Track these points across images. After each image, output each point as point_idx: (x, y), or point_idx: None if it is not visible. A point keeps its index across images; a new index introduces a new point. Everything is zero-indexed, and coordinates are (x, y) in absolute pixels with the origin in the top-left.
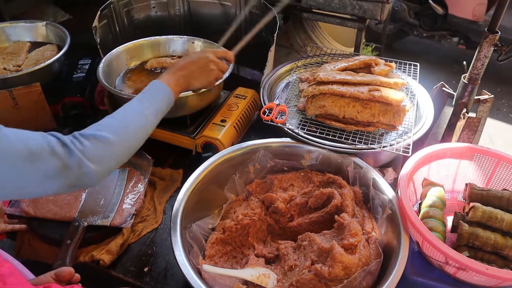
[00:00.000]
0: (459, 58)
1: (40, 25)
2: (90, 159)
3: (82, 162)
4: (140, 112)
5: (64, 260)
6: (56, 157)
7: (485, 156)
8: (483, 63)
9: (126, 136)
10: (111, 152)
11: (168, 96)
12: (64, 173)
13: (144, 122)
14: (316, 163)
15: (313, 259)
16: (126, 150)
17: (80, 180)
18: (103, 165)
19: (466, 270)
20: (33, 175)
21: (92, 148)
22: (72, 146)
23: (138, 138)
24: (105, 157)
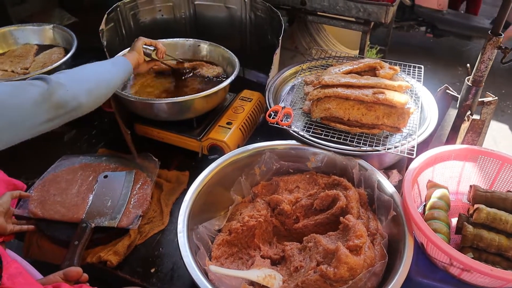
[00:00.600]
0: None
1: (48, 28)
2: (63, 79)
3: (58, 82)
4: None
5: (72, 261)
6: (35, 86)
7: (489, 158)
8: (486, 65)
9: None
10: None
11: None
12: (47, 96)
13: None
14: (321, 165)
15: (319, 260)
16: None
17: (63, 98)
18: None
19: (470, 272)
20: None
21: (62, 74)
22: (45, 76)
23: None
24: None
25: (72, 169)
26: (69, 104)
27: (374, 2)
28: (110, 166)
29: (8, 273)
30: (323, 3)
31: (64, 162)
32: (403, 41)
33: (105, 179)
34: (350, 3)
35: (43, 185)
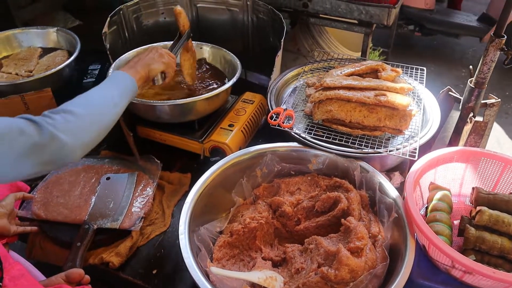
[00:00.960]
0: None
1: (51, 31)
2: (61, 131)
3: (54, 135)
4: (105, 93)
5: (74, 262)
6: (26, 135)
7: (492, 160)
8: (489, 67)
9: (93, 110)
10: (81, 123)
11: (129, 82)
12: (38, 150)
13: (111, 101)
14: (322, 167)
15: (320, 262)
16: (95, 124)
17: (56, 154)
18: (75, 137)
19: (472, 274)
20: (4, 156)
21: (63, 120)
22: (42, 122)
23: (106, 115)
24: (76, 128)
25: (75, 171)
26: (61, 161)
27: (376, 4)
28: (113, 168)
29: (11, 275)
30: (325, 5)
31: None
32: (407, 44)
33: (107, 181)
34: (352, 5)
35: (46, 187)
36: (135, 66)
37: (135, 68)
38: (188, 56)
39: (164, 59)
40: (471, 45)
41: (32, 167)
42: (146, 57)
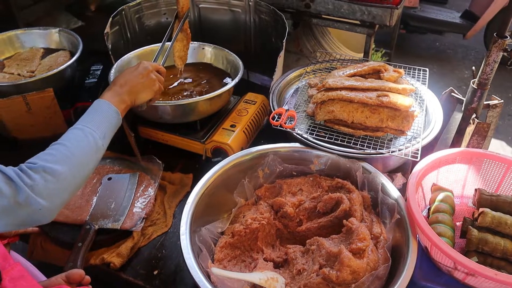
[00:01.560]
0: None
1: (54, 31)
2: (40, 195)
3: (31, 199)
4: (87, 136)
5: (75, 263)
6: (1, 195)
7: (494, 161)
8: (492, 68)
9: (76, 165)
10: (62, 185)
11: (114, 115)
12: (12, 212)
13: (94, 146)
14: (324, 168)
15: (321, 263)
16: (77, 181)
17: (31, 217)
18: (55, 200)
19: (475, 276)
20: None
21: (42, 183)
22: (19, 182)
23: (88, 164)
24: (57, 191)
25: None
26: (34, 223)
27: (378, 4)
28: (114, 168)
29: (10, 276)
30: (327, 6)
31: None
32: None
33: (109, 181)
34: (355, 6)
35: None
36: (122, 94)
37: (122, 97)
38: (182, 36)
39: (155, 86)
40: (473, 46)
41: (5, 226)
42: (135, 82)
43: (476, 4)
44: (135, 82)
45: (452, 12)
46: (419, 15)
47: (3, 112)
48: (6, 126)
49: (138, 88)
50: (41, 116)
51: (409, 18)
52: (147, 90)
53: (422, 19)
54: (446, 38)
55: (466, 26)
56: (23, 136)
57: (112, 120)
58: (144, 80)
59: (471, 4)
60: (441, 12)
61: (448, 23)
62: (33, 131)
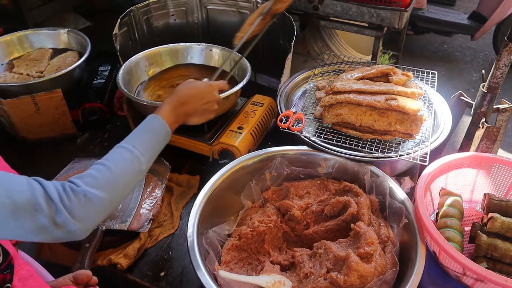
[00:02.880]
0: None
1: (62, 32)
2: (77, 218)
3: (68, 222)
4: (133, 162)
5: (83, 263)
6: (42, 214)
7: (504, 166)
8: (502, 72)
9: (117, 191)
10: (100, 209)
11: (166, 138)
12: (49, 230)
13: (137, 172)
14: (332, 171)
15: (329, 267)
16: (115, 205)
17: (65, 236)
18: (90, 223)
19: (484, 282)
20: (17, 229)
21: (81, 208)
22: (59, 204)
23: (129, 189)
24: (93, 216)
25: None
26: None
27: (387, 7)
28: None
29: (19, 275)
30: (336, 8)
31: (76, 165)
32: (417, 47)
33: None
34: (363, 8)
35: None
36: (180, 115)
37: (178, 118)
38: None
39: (212, 113)
40: (482, 49)
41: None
42: (196, 106)
43: (484, 6)
44: (197, 105)
45: (459, 14)
46: (426, 16)
47: (12, 112)
48: (15, 126)
49: (197, 112)
50: (50, 116)
51: (416, 19)
52: (201, 118)
53: (430, 20)
54: (454, 41)
55: (474, 27)
56: (32, 136)
57: (162, 144)
58: (206, 106)
59: (479, 6)
60: (448, 13)
61: (456, 24)
62: (41, 131)
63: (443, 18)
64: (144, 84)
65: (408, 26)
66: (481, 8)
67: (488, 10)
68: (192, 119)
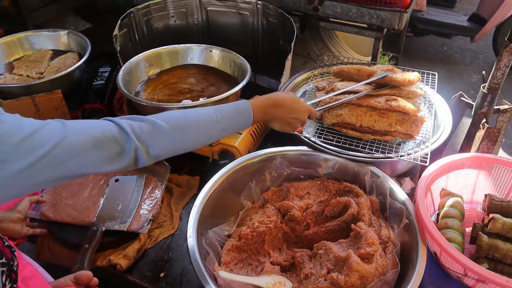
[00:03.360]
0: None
1: (62, 33)
2: (144, 144)
3: (137, 148)
4: (210, 119)
5: (82, 264)
6: (116, 142)
7: (505, 166)
8: (503, 72)
9: (183, 133)
10: (165, 141)
11: (245, 124)
12: (121, 158)
13: (208, 130)
14: (332, 172)
15: (329, 268)
16: (178, 147)
17: (133, 163)
18: (155, 151)
19: (485, 283)
20: (96, 160)
21: (149, 134)
22: (129, 131)
23: (195, 141)
24: (158, 144)
25: None
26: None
27: (387, 8)
28: None
29: (23, 276)
30: (336, 9)
31: None
32: (417, 49)
33: (116, 183)
34: (363, 9)
35: (55, 188)
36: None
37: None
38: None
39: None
40: (481, 50)
41: (112, 169)
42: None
43: (484, 7)
44: (286, 115)
45: (459, 16)
46: (426, 18)
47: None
48: None
49: (283, 121)
50: (50, 117)
51: (416, 21)
52: (282, 126)
53: (430, 22)
54: (454, 42)
55: (474, 29)
56: None
57: (239, 127)
58: (292, 120)
59: (479, 7)
60: (448, 15)
61: (456, 26)
62: None
63: (443, 20)
64: (144, 85)
65: (408, 28)
66: (481, 10)
67: (487, 12)
68: (274, 124)
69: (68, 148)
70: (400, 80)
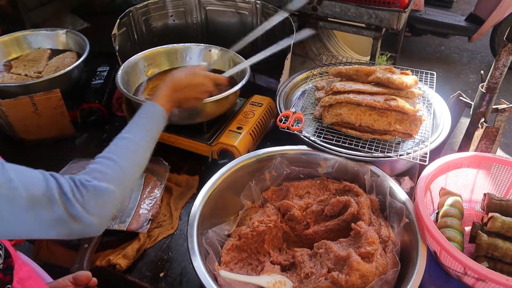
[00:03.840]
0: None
1: (61, 33)
2: (91, 213)
3: (82, 217)
4: (137, 149)
5: (82, 264)
6: (57, 205)
7: (503, 165)
8: (501, 72)
9: (125, 183)
10: (112, 203)
11: (164, 122)
12: (66, 223)
13: (141, 160)
14: (332, 171)
15: (330, 267)
16: (125, 194)
17: (83, 231)
18: (104, 217)
19: (485, 281)
20: (34, 222)
21: (94, 202)
22: (72, 198)
23: (135, 180)
24: (106, 209)
25: None
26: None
27: (386, 8)
28: None
29: (19, 276)
30: (334, 9)
31: (74, 165)
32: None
33: None
34: (362, 9)
35: None
36: (174, 100)
37: (173, 104)
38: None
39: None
40: (479, 50)
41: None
42: (190, 94)
43: (481, 7)
44: (190, 94)
45: (457, 16)
46: (424, 18)
47: (10, 113)
48: (13, 126)
49: (189, 99)
50: (48, 117)
51: (414, 21)
52: (194, 103)
53: (428, 22)
54: (452, 42)
55: (471, 29)
56: (30, 137)
57: (161, 130)
58: (197, 96)
59: (476, 7)
60: (446, 15)
61: (454, 25)
62: (40, 131)
63: (441, 20)
64: (143, 84)
65: (406, 28)
66: (478, 10)
67: (485, 12)
68: (184, 104)
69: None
70: (398, 84)
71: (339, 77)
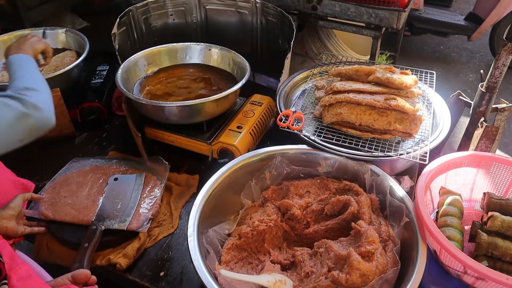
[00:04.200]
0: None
1: (60, 32)
2: (38, 101)
3: (35, 105)
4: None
5: (82, 263)
6: (10, 107)
7: (503, 165)
8: (501, 71)
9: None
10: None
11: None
12: (24, 118)
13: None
14: (332, 170)
15: (330, 266)
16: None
17: (39, 121)
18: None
19: (485, 280)
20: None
21: (34, 95)
22: (21, 96)
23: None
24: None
25: (83, 171)
26: (44, 127)
27: (386, 7)
28: (121, 168)
29: (18, 275)
30: (334, 8)
31: (75, 165)
32: (414, 48)
33: (115, 182)
34: (362, 8)
35: (54, 187)
36: (24, 48)
37: (25, 50)
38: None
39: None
40: (478, 50)
41: (21, 133)
42: (26, 42)
43: (481, 7)
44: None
45: (456, 15)
46: (423, 17)
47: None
48: None
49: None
50: None
51: (413, 20)
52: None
53: (427, 21)
54: (451, 42)
55: (471, 28)
56: None
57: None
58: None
59: (475, 7)
60: (445, 14)
61: (453, 25)
62: None
63: (440, 19)
64: (142, 83)
65: (405, 27)
66: (478, 9)
67: (484, 11)
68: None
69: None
70: (398, 84)
71: (339, 77)
